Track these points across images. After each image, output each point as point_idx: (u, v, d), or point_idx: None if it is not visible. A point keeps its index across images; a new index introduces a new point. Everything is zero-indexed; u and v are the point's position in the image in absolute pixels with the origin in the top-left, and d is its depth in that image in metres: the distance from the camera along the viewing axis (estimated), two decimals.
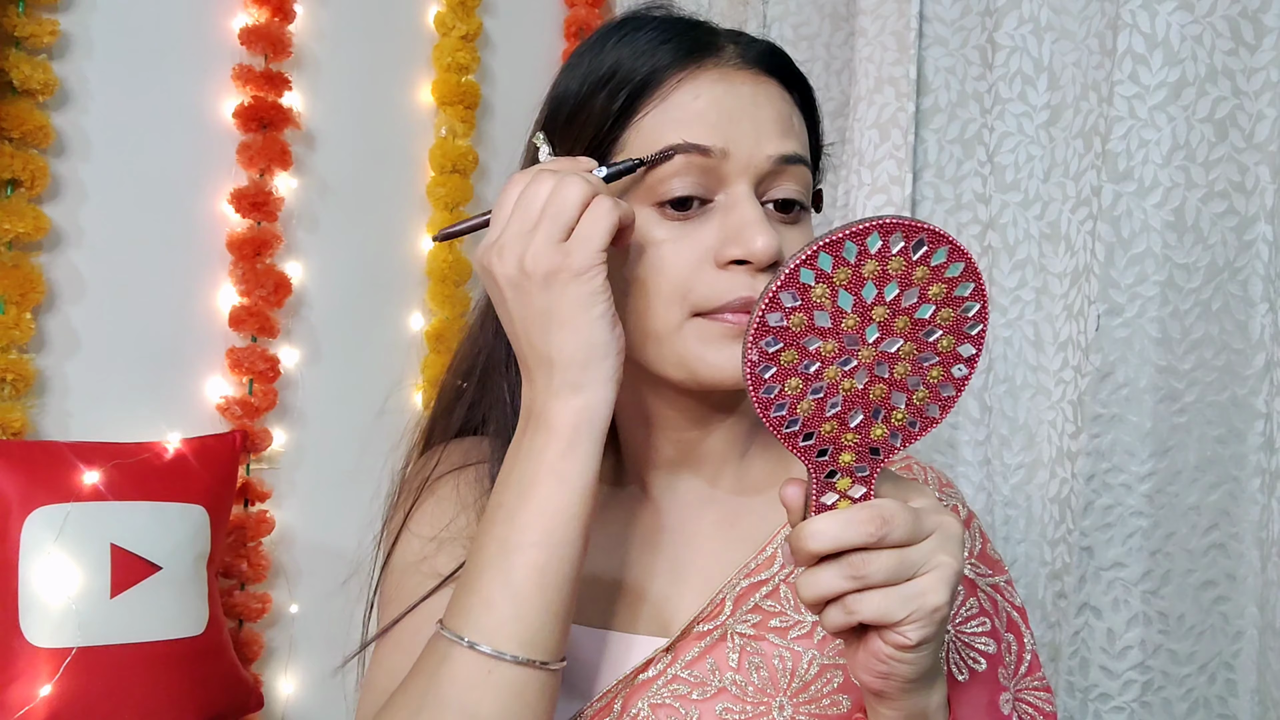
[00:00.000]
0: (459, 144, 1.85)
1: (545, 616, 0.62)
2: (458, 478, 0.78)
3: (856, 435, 0.55)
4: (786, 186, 0.70)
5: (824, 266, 0.52)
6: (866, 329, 0.53)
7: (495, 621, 0.61)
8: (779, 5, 1.70)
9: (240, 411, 1.61)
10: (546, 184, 0.63)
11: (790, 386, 0.54)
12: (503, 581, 0.62)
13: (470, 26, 1.86)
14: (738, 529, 0.75)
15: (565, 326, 0.62)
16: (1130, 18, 1.22)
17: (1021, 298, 1.40)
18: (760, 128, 0.68)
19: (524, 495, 0.63)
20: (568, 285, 0.61)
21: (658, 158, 0.67)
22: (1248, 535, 1.24)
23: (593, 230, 0.62)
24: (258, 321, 1.63)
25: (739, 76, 0.70)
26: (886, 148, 1.48)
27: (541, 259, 0.61)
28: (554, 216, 0.62)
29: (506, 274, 0.63)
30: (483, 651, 0.61)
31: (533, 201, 0.63)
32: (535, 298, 0.62)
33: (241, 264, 1.62)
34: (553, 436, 0.63)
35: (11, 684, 1.28)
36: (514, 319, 0.64)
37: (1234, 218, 1.23)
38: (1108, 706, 1.27)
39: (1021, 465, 1.39)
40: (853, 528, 0.53)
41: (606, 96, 0.70)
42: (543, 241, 0.62)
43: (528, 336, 0.63)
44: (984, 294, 0.53)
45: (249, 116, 1.62)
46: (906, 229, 0.51)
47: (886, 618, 0.54)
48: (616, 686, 0.71)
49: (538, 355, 0.63)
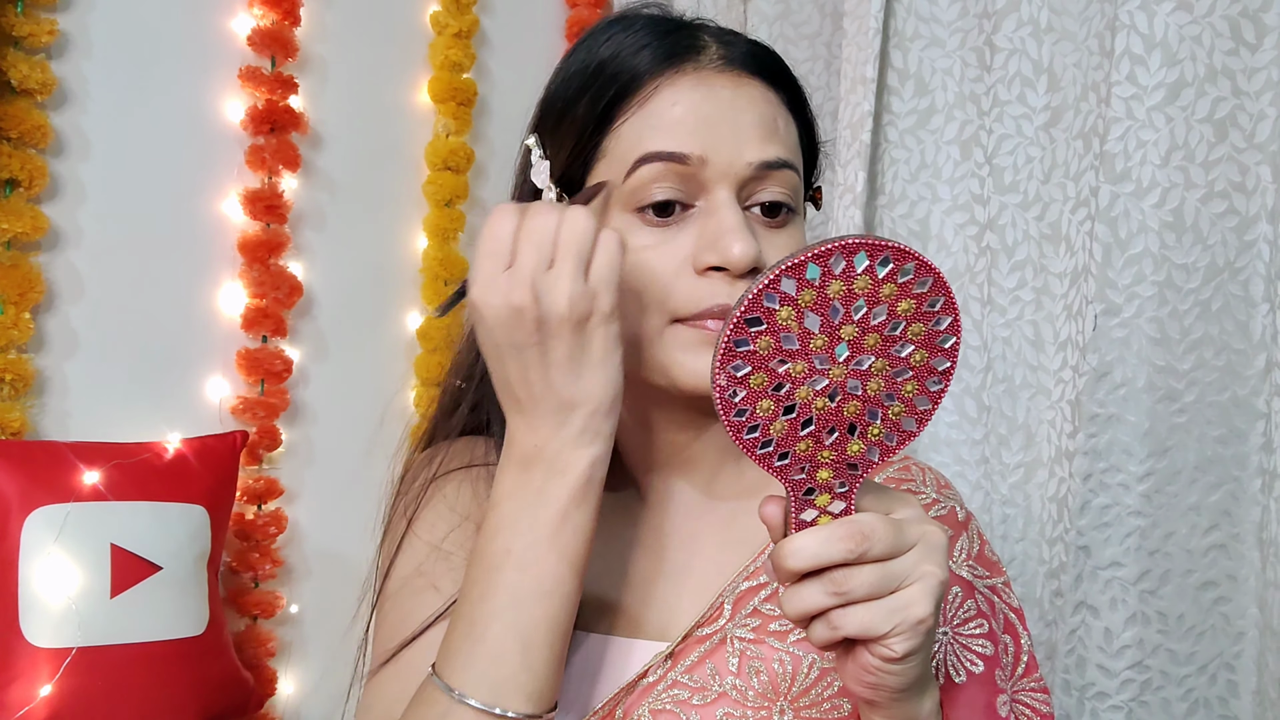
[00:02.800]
0: (452, 140, 1.85)
1: (551, 667, 0.62)
2: (463, 478, 0.78)
3: (833, 452, 0.55)
4: (771, 190, 0.69)
5: (788, 290, 0.51)
6: (836, 348, 0.53)
7: (503, 675, 0.61)
8: (779, 4, 1.70)
9: (262, 413, 1.62)
10: (550, 217, 0.60)
11: (762, 408, 0.54)
12: (515, 634, 0.61)
13: (464, 24, 1.85)
14: (735, 532, 0.75)
15: (595, 371, 0.61)
16: (1128, 19, 1.22)
17: (1021, 298, 1.40)
18: (741, 133, 0.67)
19: (538, 544, 0.62)
20: (598, 329, 0.60)
21: (590, 191, 0.67)
22: (1249, 536, 1.24)
23: (611, 269, 0.60)
24: (272, 322, 1.64)
25: (719, 80, 0.69)
26: (856, 147, 1.48)
27: (577, 301, 0.59)
28: (575, 254, 0.60)
29: (522, 312, 0.59)
30: (490, 711, 0.60)
31: (541, 235, 0.60)
32: (564, 340, 0.60)
33: (255, 266, 1.63)
34: (570, 484, 0.62)
35: (11, 684, 1.28)
36: (528, 362, 0.61)
37: (1234, 218, 1.23)
38: (1105, 705, 1.27)
39: (1020, 464, 1.40)
40: (832, 544, 0.53)
41: (588, 102, 0.70)
42: (569, 280, 0.59)
43: (545, 379, 0.61)
44: (954, 307, 0.53)
45: (260, 120, 1.63)
46: (870, 248, 0.51)
47: (871, 631, 0.54)
48: (618, 694, 0.70)
49: (557, 399, 0.61)
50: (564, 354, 0.60)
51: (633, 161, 0.67)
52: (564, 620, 0.63)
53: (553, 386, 0.61)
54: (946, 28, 1.47)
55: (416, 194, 1.86)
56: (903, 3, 1.48)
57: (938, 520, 0.76)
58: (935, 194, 1.48)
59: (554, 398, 0.61)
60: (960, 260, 1.47)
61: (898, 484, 0.77)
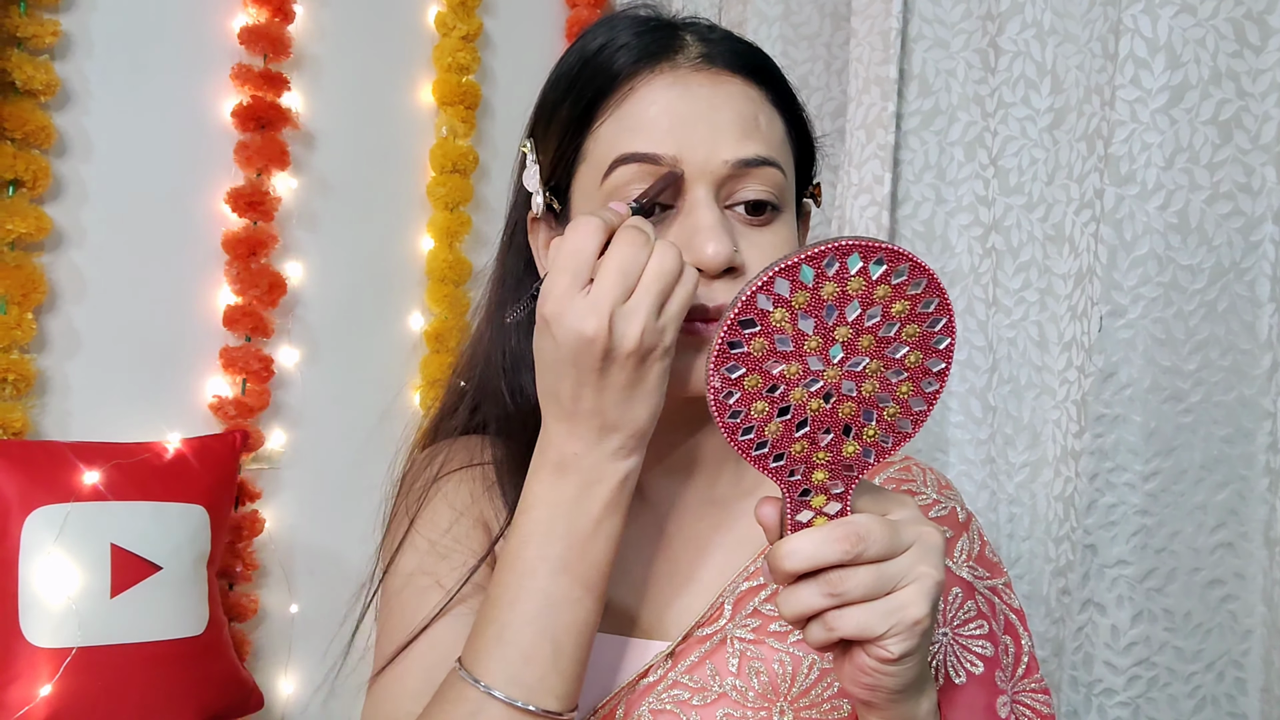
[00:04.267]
0: (459, 144, 1.85)
1: (579, 668, 0.63)
2: (463, 477, 0.78)
3: (828, 453, 0.55)
4: (752, 188, 0.67)
5: (781, 291, 0.51)
6: (830, 349, 0.53)
7: (535, 676, 0.61)
8: (779, 4, 1.69)
9: (234, 411, 1.61)
10: (641, 250, 0.60)
11: (756, 410, 0.54)
12: (548, 639, 0.62)
13: (471, 27, 1.85)
14: (736, 532, 0.75)
15: (645, 400, 0.61)
16: (1132, 22, 1.22)
17: (1026, 299, 1.40)
18: (717, 132, 0.66)
19: (571, 550, 0.62)
20: (655, 363, 0.60)
21: (660, 185, 0.66)
22: (1256, 534, 1.24)
23: (683, 307, 0.61)
24: (251, 321, 1.62)
25: (696, 79, 0.68)
26: (872, 148, 1.48)
27: (648, 337, 0.59)
28: (658, 293, 0.59)
29: (593, 342, 0.59)
30: (520, 708, 0.61)
31: (629, 267, 0.59)
32: (625, 371, 0.60)
33: (237, 263, 1.62)
34: (605, 495, 0.62)
35: (11, 684, 1.28)
36: (583, 382, 0.60)
37: (1240, 219, 1.22)
38: (1112, 701, 1.27)
39: (1026, 464, 1.39)
40: (827, 546, 0.53)
41: (570, 104, 0.69)
42: (645, 317, 0.59)
43: (597, 401, 0.61)
44: (949, 309, 0.53)
45: (247, 116, 1.62)
46: (864, 250, 0.51)
47: (867, 632, 0.54)
48: (619, 693, 0.70)
49: (603, 419, 0.61)
50: (621, 383, 0.60)
51: (609, 164, 0.67)
52: (592, 624, 0.63)
53: (602, 409, 0.61)
54: (950, 29, 1.47)
55: (416, 195, 1.86)
56: (908, 4, 1.48)
57: (938, 521, 0.75)
58: (940, 195, 1.48)
59: (600, 418, 0.61)
60: (965, 261, 1.47)
61: (898, 484, 0.77)
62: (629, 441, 0.62)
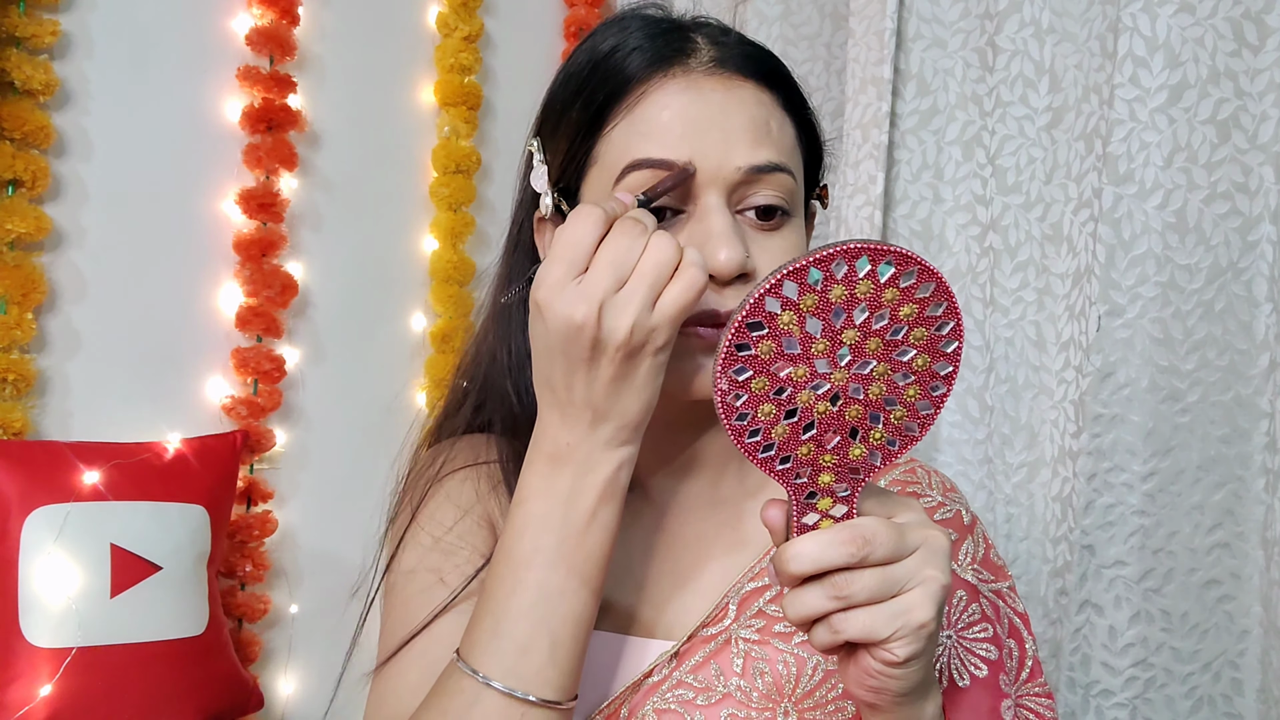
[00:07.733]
0: (462, 144, 1.85)
1: (577, 660, 0.63)
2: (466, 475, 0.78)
3: (834, 456, 0.55)
4: (763, 194, 0.67)
5: (790, 294, 0.51)
6: (838, 352, 0.53)
7: (533, 668, 0.62)
8: (779, 4, 1.70)
9: (245, 411, 1.62)
10: (637, 239, 0.60)
11: (763, 412, 0.54)
12: (544, 630, 0.62)
13: (472, 27, 1.85)
14: (740, 532, 0.75)
15: (635, 394, 0.61)
16: (1131, 21, 1.22)
17: (1023, 298, 1.40)
18: (730, 137, 0.66)
19: (567, 541, 0.62)
20: (647, 359, 0.60)
21: (671, 181, 0.65)
22: (1253, 535, 1.24)
23: (679, 304, 0.60)
24: (264, 322, 1.63)
25: (709, 83, 0.67)
26: (867, 148, 1.48)
27: (638, 331, 0.59)
28: (650, 284, 0.59)
29: (582, 330, 0.59)
30: (519, 697, 0.61)
31: (623, 257, 0.59)
32: (614, 364, 0.60)
33: (249, 265, 1.63)
34: (599, 484, 0.62)
35: (11, 684, 1.28)
36: (574, 370, 0.61)
37: (1237, 219, 1.23)
38: (1110, 703, 1.27)
39: (1024, 464, 1.40)
40: (833, 549, 0.53)
41: (581, 106, 0.69)
42: (636, 310, 0.59)
43: (588, 391, 0.61)
44: (957, 312, 0.53)
45: (256, 118, 1.62)
46: (873, 252, 0.51)
47: (872, 635, 0.54)
48: (624, 693, 0.71)
49: (593, 409, 0.61)
50: (610, 375, 0.60)
51: (621, 168, 0.67)
52: (589, 615, 0.64)
53: (592, 399, 0.61)
54: (948, 28, 1.47)
55: (418, 195, 1.86)
56: (905, 3, 1.48)
57: (943, 524, 0.75)
58: (938, 194, 1.48)
59: (591, 408, 0.61)
60: (963, 260, 1.47)
61: (903, 487, 0.77)
62: (621, 432, 0.62)
